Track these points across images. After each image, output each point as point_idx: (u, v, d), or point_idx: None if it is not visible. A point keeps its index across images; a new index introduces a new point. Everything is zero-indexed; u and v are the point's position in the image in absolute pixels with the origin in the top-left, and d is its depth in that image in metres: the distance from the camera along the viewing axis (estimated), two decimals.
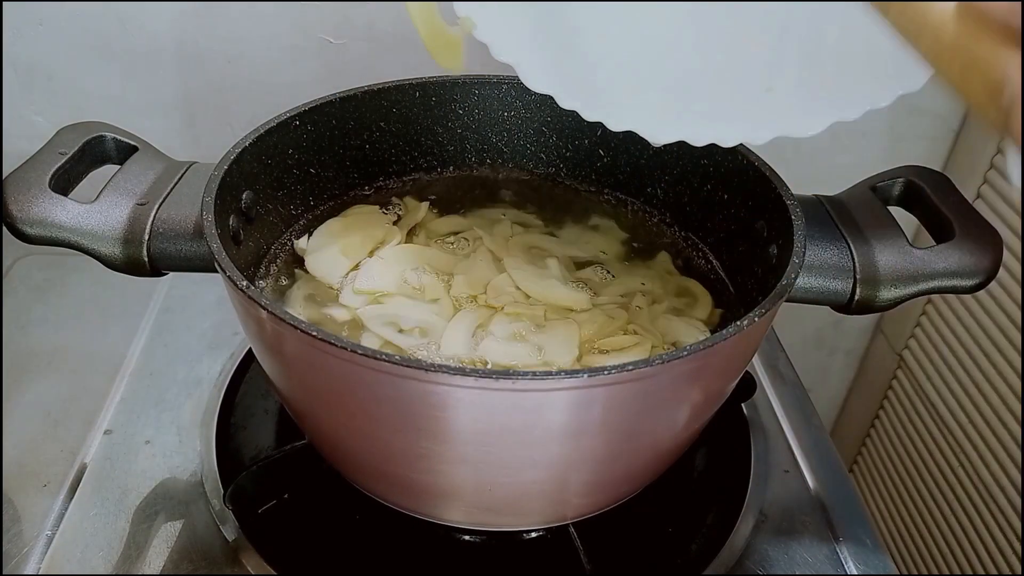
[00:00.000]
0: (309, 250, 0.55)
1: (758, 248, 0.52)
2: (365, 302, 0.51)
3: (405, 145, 0.62)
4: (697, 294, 0.55)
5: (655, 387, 0.39)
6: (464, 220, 0.60)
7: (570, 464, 0.43)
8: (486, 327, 0.49)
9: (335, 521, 0.53)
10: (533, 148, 0.64)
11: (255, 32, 0.75)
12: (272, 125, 0.52)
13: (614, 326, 0.50)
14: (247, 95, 0.78)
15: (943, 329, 0.88)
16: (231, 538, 0.51)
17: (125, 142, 0.52)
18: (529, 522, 0.50)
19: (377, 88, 0.58)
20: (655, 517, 0.54)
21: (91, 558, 0.50)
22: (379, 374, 0.37)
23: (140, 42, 0.75)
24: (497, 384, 0.35)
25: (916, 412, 0.93)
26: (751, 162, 0.52)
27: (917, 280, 0.46)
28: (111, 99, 0.78)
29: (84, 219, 0.46)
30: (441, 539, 0.52)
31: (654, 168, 0.60)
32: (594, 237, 0.59)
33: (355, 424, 0.43)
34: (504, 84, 0.61)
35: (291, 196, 0.57)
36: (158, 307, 0.71)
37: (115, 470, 0.56)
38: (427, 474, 0.43)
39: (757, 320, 0.40)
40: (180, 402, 0.61)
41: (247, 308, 0.41)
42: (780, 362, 0.70)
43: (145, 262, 0.47)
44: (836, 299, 0.48)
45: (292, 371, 0.44)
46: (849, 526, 0.55)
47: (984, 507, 0.81)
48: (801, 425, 0.63)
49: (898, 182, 0.53)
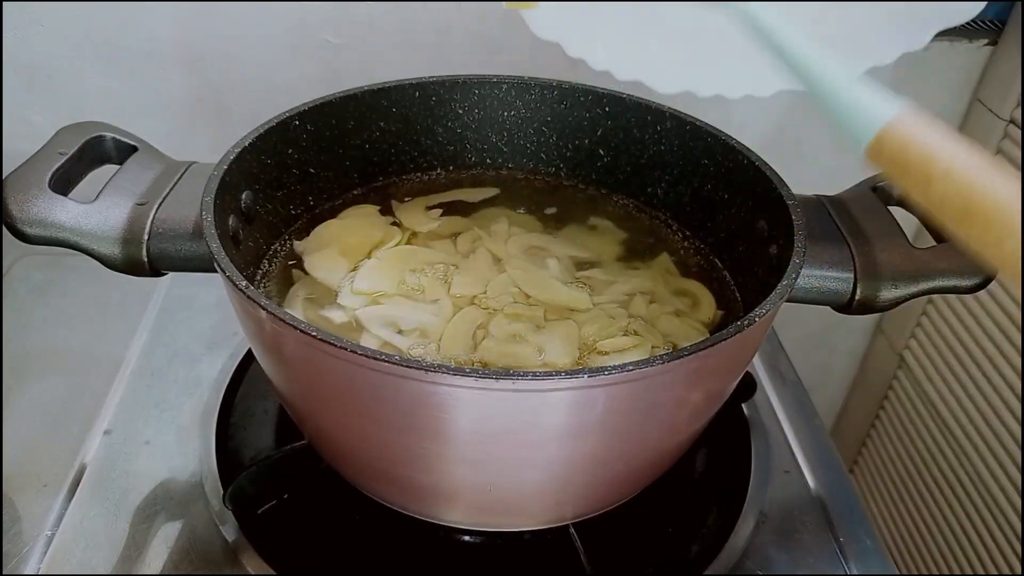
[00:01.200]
0: (308, 250, 0.55)
1: (758, 248, 0.52)
2: (364, 303, 0.51)
3: (405, 145, 0.62)
4: (697, 294, 0.55)
5: (655, 388, 0.39)
6: (464, 220, 0.60)
7: (570, 464, 0.43)
8: (486, 328, 0.49)
9: (335, 521, 0.53)
10: (533, 148, 0.64)
11: (255, 32, 0.75)
12: (272, 125, 0.52)
13: (614, 327, 0.50)
14: (247, 95, 0.78)
15: (943, 329, 0.88)
16: (231, 538, 0.51)
17: (125, 142, 0.52)
18: (529, 522, 0.50)
19: (377, 88, 0.58)
20: (655, 518, 0.54)
21: (91, 558, 0.50)
22: (379, 374, 0.37)
23: (140, 42, 0.75)
24: (497, 384, 0.35)
25: (916, 412, 0.93)
26: (752, 162, 0.52)
27: (918, 280, 0.46)
28: (111, 99, 0.78)
29: (84, 219, 0.45)
30: (441, 539, 0.52)
31: (654, 168, 0.60)
32: (594, 237, 0.59)
33: (355, 424, 0.43)
34: (504, 84, 0.61)
35: (291, 196, 0.57)
36: (158, 307, 0.71)
37: (115, 470, 0.56)
38: (427, 474, 0.43)
39: (757, 320, 0.39)
40: (180, 402, 0.61)
41: (246, 308, 0.41)
42: (780, 362, 0.70)
43: (144, 262, 0.47)
44: (837, 299, 0.48)
45: (292, 372, 0.44)
46: (849, 526, 0.55)
47: (984, 507, 0.81)
48: (801, 425, 0.63)
49: None
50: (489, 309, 0.51)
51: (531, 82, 0.61)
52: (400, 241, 0.56)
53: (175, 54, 0.76)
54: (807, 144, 0.85)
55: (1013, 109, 0.77)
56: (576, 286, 0.53)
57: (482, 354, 0.47)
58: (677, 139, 0.58)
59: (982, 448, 0.81)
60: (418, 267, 0.54)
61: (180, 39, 0.75)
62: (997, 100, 0.80)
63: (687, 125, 0.57)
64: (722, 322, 0.53)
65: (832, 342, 1.03)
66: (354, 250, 0.55)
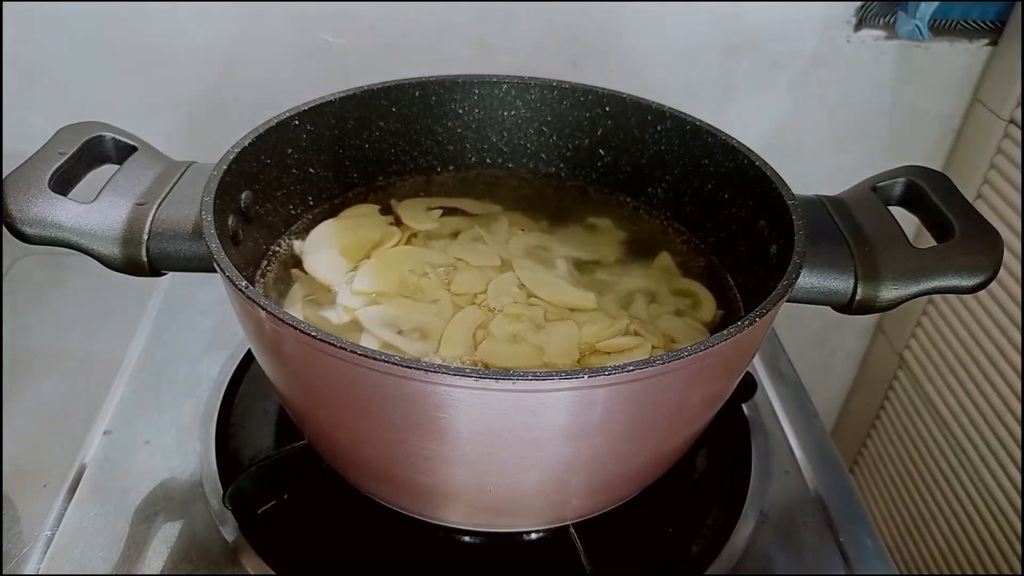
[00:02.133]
0: (307, 250, 0.55)
1: (759, 248, 0.52)
2: (364, 303, 0.51)
3: (405, 145, 0.62)
4: (697, 294, 0.55)
5: (655, 388, 0.39)
6: (464, 220, 0.60)
7: (570, 465, 0.43)
8: (486, 328, 0.49)
9: (334, 522, 0.52)
10: (533, 148, 0.64)
11: (255, 32, 0.75)
12: (272, 125, 0.52)
13: (615, 327, 0.50)
14: (247, 95, 0.78)
15: (943, 329, 0.88)
16: (230, 539, 0.51)
17: (124, 142, 0.52)
18: (529, 523, 0.50)
19: (377, 88, 0.58)
20: (656, 518, 0.54)
21: (91, 558, 0.50)
22: (379, 375, 0.37)
23: (140, 42, 0.75)
24: (497, 385, 0.35)
25: (916, 412, 0.93)
26: (752, 162, 0.52)
27: (918, 280, 0.46)
28: (111, 99, 0.78)
29: (83, 219, 0.45)
30: (441, 540, 0.52)
31: (654, 168, 0.60)
32: (594, 237, 0.59)
33: (354, 425, 0.43)
34: (504, 84, 0.61)
35: (290, 196, 0.57)
36: (158, 307, 0.71)
37: (115, 470, 0.56)
38: (426, 475, 0.43)
39: (758, 320, 0.39)
40: (180, 402, 0.61)
41: (246, 308, 0.40)
42: (781, 362, 0.70)
43: (144, 262, 0.46)
44: (837, 299, 0.48)
45: (291, 372, 0.44)
46: (849, 526, 0.55)
47: (984, 507, 0.81)
48: (802, 425, 0.63)
49: (899, 182, 0.53)
50: (490, 309, 0.51)
51: (531, 82, 0.61)
52: (400, 241, 0.56)
53: (175, 54, 0.76)
54: (807, 144, 0.85)
55: (1013, 109, 0.77)
56: (583, 287, 0.53)
57: (482, 354, 0.47)
58: (677, 139, 0.58)
59: (982, 448, 0.81)
60: (418, 267, 0.54)
61: (180, 39, 0.75)
62: (997, 100, 0.80)
63: (687, 125, 0.57)
64: (722, 322, 0.53)
65: (832, 342, 1.03)
66: (354, 250, 0.55)
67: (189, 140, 0.81)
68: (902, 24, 0.76)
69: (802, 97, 0.82)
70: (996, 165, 0.80)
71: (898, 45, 0.80)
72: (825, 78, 0.81)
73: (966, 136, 0.85)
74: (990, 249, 0.47)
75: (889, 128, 0.85)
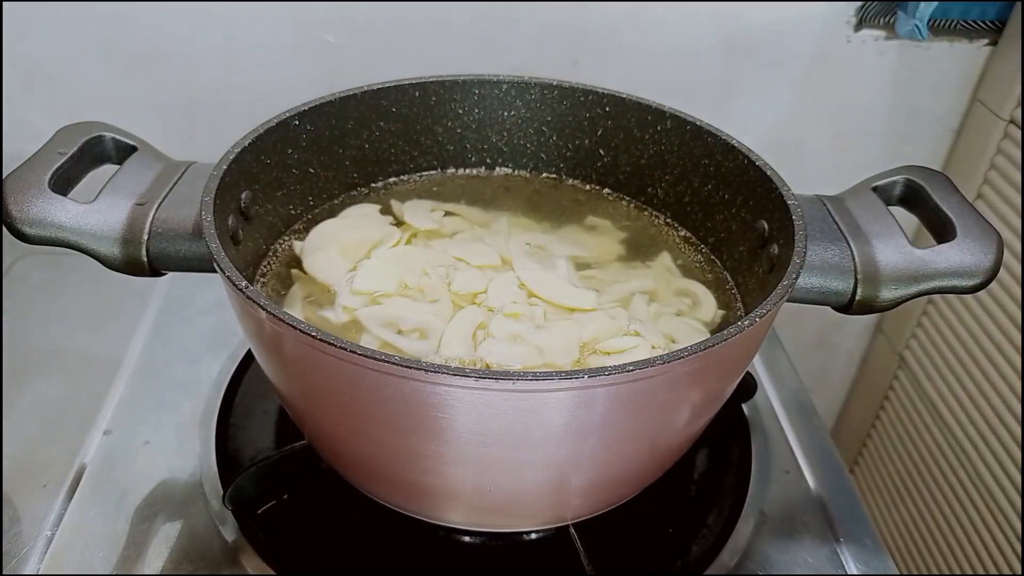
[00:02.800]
0: (307, 250, 0.55)
1: (759, 248, 0.52)
2: (364, 303, 0.51)
3: (405, 145, 0.62)
4: (698, 294, 0.55)
5: (655, 388, 0.39)
6: (464, 220, 0.59)
7: (570, 465, 0.43)
8: (486, 328, 0.49)
9: (334, 522, 0.52)
10: (533, 148, 0.64)
11: (255, 32, 0.75)
12: (272, 125, 0.52)
13: (615, 327, 0.50)
14: (247, 95, 0.78)
15: (943, 329, 0.88)
16: (230, 539, 0.51)
17: (124, 142, 0.52)
18: (529, 523, 0.50)
19: (377, 88, 0.58)
20: (656, 518, 0.54)
21: (91, 558, 0.50)
22: (379, 375, 0.37)
23: (140, 42, 0.75)
24: (497, 385, 0.35)
25: (916, 412, 0.93)
26: (752, 162, 0.52)
27: (918, 280, 0.46)
28: (111, 99, 0.78)
29: (83, 219, 0.45)
30: (441, 540, 0.52)
31: (654, 168, 0.60)
32: (594, 237, 0.59)
33: (354, 425, 0.43)
34: (504, 84, 0.61)
35: (290, 196, 0.57)
36: (157, 307, 0.71)
37: (114, 470, 0.56)
38: (426, 475, 0.43)
39: (758, 320, 0.39)
40: (179, 402, 0.61)
41: (246, 308, 0.40)
42: (781, 362, 0.70)
43: (144, 262, 0.46)
44: (837, 299, 0.48)
45: (292, 372, 0.44)
46: (849, 526, 0.55)
47: (984, 507, 0.81)
48: (801, 425, 0.63)
49: (899, 182, 0.53)
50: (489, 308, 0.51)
51: (531, 82, 0.61)
52: (400, 241, 0.56)
53: (175, 54, 0.76)
54: (807, 144, 0.85)
55: (1013, 109, 0.77)
56: (584, 287, 0.53)
57: (482, 354, 0.47)
58: (677, 139, 0.58)
59: (982, 448, 0.81)
60: (418, 267, 0.53)
61: (180, 39, 0.75)
62: (997, 100, 0.80)
63: (687, 125, 0.57)
64: (722, 322, 0.53)
65: (832, 342, 1.03)
66: (354, 250, 0.55)
67: (189, 140, 0.81)
68: (902, 24, 0.76)
69: (802, 97, 0.82)
70: (996, 165, 0.80)
71: (898, 45, 0.80)
72: (825, 78, 0.81)
73: (966, 136, 0.85)
74: (990, 249, 0.47)
75: (889, 128, 0.85)
